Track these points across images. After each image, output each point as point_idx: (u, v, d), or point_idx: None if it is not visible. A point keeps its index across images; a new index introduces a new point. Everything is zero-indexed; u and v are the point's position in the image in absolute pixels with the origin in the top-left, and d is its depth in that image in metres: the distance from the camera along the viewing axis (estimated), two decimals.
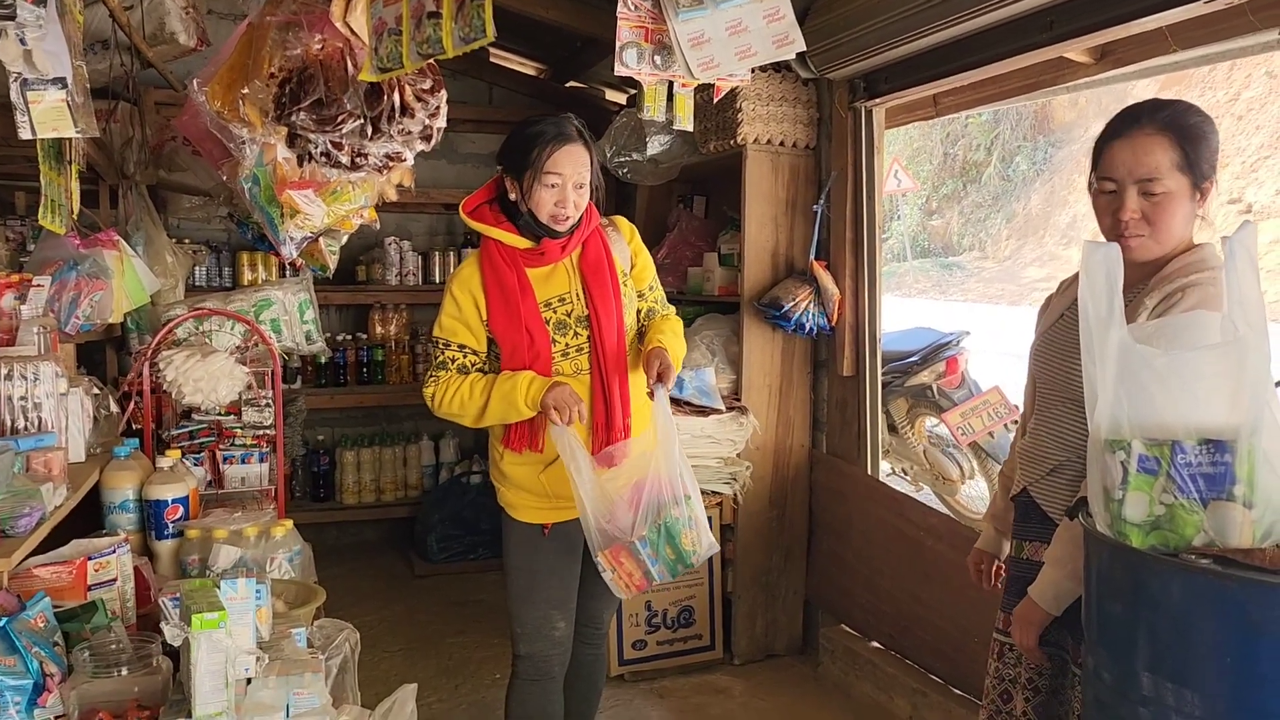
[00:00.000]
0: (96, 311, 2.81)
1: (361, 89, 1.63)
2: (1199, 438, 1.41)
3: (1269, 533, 1.39)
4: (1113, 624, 1.51)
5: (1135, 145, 1.78)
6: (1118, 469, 1.45)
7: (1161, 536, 1.43)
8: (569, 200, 2.32)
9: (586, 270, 2.43)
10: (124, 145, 3.55)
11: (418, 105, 1.66)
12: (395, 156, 1.79)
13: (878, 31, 3.22)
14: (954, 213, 19.91)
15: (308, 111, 1.68)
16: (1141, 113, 1.81)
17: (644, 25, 3.32)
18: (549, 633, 2.50)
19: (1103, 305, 1.49)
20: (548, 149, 2.29)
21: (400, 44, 1.40)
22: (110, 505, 2.40)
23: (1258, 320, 1.37)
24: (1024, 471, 2.02)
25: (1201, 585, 1.36)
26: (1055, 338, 2.00)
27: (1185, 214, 1.78)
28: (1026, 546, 2.01)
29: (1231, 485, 1.39)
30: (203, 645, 1.42)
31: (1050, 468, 1.95)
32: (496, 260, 2.39)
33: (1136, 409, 1.45)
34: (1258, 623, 1.31)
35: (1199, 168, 1.76)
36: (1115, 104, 17.31)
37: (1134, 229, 1.79)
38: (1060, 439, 1.94)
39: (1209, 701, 1.37)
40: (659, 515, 2.24)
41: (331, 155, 1.76)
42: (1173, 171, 1.75)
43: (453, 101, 5.42)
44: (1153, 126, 1.77)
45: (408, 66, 1.43)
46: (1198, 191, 1.78)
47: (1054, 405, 1.96)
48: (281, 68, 1.75)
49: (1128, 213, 1.78)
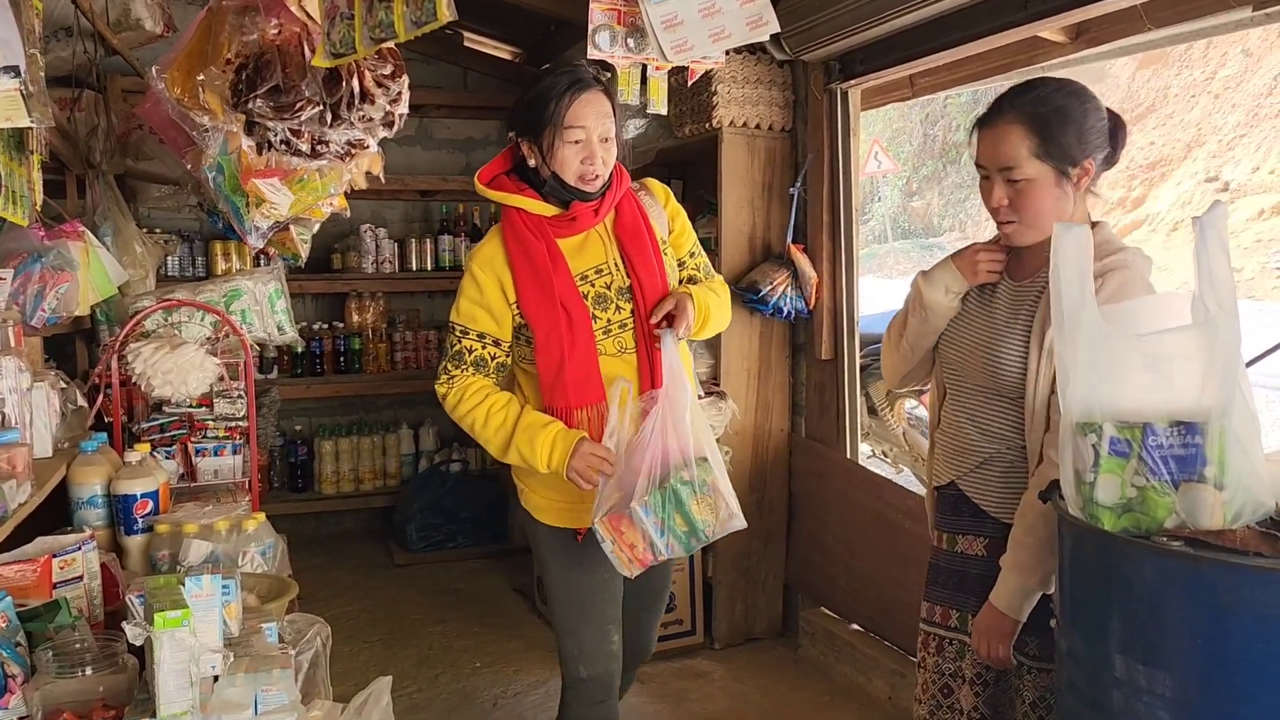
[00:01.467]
0: (62, 304, 2.76)
1: (319, 75, 1.60)
2: (1170, 420, 1.40)
3: (1240, 514, 1.39)
4: (1085, 607, 1.51)
5: (995, 135, 1.81)
6: (1089, 452, 1.44)
7: (1133, 519, 1.43)
8: (596, 155, 2.08)
9: (624, 236, 2.19)
10: (89, 134, 3.49)
11: (378, 91, 1.62)
12: (358, 144, 1.75)
13: (852, 12, 3.20)
14: (934, 194, 19.94)
15: (265, 98, 1.64)
16: (1005, 99, 1.83)
17: (616, 8, 3.28)
18: (608, 649, 2.26)
19: (1074, 288, 1.47)
20: (566, 99, 2.06)
21: (353, 28, 1.37)
22: (78, 501, 2.37)
23: (1228, 301, 1.36)
24: (949, 464, 2.00)
25: (1172, 567, 1.36)
26: (968, 323, 1.97)
27: (1054, 198, 1.80)
28: (960, 540, 1.99)
29: (1202, 467, 1.39)
30: (165, 644, 1.40)
31: (979, 460, 1.93)
32: (522, 232, 2.13)
33: (1108, 391, 1.44)
34: (1228, 604, 1.31)
35: (1062, 152, 1.77)
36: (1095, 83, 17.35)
37: (1004, 216, 1.84)
38: (985, 430, 1.92)
39: (1180, 683, 1.37)
40: (666, 479, 2.01)
41: (291, 143, 1.72)
42: (1030, 160, 1.77)
43: (427, 87, 5.47)
44: (1011, 115, 1.79)
45: (360, 51, 1.40)
46: (1068, 174, 1.79)
47: (973, 395, 1.94)
48: (239, 53, 1.70)
49: (994, 201, 1.84)
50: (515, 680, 3.57)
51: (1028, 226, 1.83)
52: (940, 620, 2.01)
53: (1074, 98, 1.79)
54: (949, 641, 1.99)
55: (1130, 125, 2.21)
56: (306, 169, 2.06)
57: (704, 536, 2.06)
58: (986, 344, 1.89)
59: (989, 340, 1.89)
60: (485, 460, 5.38)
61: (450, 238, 5.40)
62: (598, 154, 2.09)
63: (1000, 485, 1.90)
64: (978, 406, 1.93)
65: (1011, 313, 1.88)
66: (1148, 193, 15.58)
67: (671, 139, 4.03)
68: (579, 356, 2.11)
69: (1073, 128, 1.77)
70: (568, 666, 2.29)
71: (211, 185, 2.18)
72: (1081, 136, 1.77)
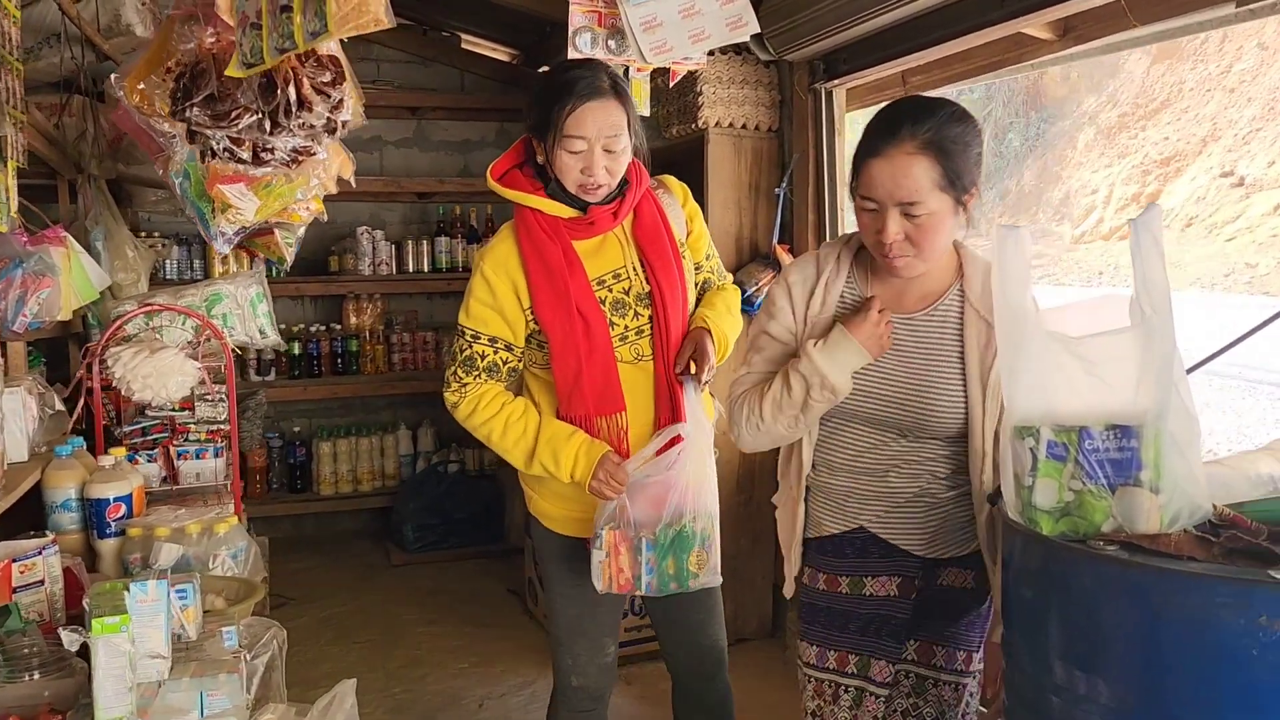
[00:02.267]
0: (44, 309, 2.79)
1: (255, 83, 1.61)
2: (1106, 423, 1.39)
3: (1177, 517, 1.37)
4: (1026, 612, 1.50)
5: (895, 166, 1.65)
6: (1027, 456, 1.43)
7: (1071, 523, 1.42)
8: (596, 166, 1.98)
9: (643, 239, 2.10)
10: (78, 139, 3.52)
11: (317, 99, 1.63)
12: (304, 151, 1.76)
13: (833, 11, 3.19)
14: None
15: (201, 107, 1.64)
16: (901, 126, 1.66)
17: (597, 10, 3.29)
18: (602, 661, 2.25)
19: (1016, 292, 1.46)
20: (568, 107, 1.95)
21: (261, 38, 1.38)
22: (52, 505, 2.39)
23: (1162, 304, 1.35)
24: (858, 510, 1.86)
25: (1105, 572, 1.35)
26: (878, 371, 1.80)
27: (949, 229, 1.71)
28: (869, 582, 1.87)
29: (1138, 471, 1.38)
30: (101, 650, 1.41)
31: (900, 502, 1.83)
32: (536, 233, 2.04)
33: (1046, 395, 1.43)
34: (1159, 609, 1.29)
35: (962, 181, 1.67)
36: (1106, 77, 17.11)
37: (898, 250, 1.69)
38: (908, 472, 1.82)
39: (1117, 690, 1.36)
40: (678, 521, 1.99)
41: (234, 151, 1.73)
42: (934, 191, 1.65)
43: (424, 89, 5.48)
44: (912, 145, 1.63)
45: (268, 61, 1.40)
46: (963, 203, 1.69)
47: (892, 440, 1.83)
48: (178, 62, 1.72)
49: (890, 235, 1.68)
50: (502, 681, 3.58)
51: (923, 259, 1.72)
52: (837, 665, 1.89)
53: (967, 125, 1.68)
54: (845, 689, 1.88)
55: (1145, 120, 2.16)
56: (272, 175, 2.07)
57: (685, 586, 2.03)
58: (913, 390, 1.77)
59: (915, 386, 1.77)
60: (483, 460, 5.40)
61: (447, 239, 5.41)
62: (598, 165, 1.99)
63: (925, 522, 1.83)
64: (899, 451, 1.82)
65: (926, 352, 1.78)
66: (1162, 188, 15.45)
67: (660, 140, 4.03)
68: (596, 365, 2.04)
69: (968, 157, 1.67)
70: (560, 674, 2.27)
71: (178, 191, 2.19)
72: (974, 165, 1.69)
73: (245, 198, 2.10)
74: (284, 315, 5.33)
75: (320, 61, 1.64)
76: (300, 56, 1.59)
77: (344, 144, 5.78)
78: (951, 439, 1.79)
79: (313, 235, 5.09)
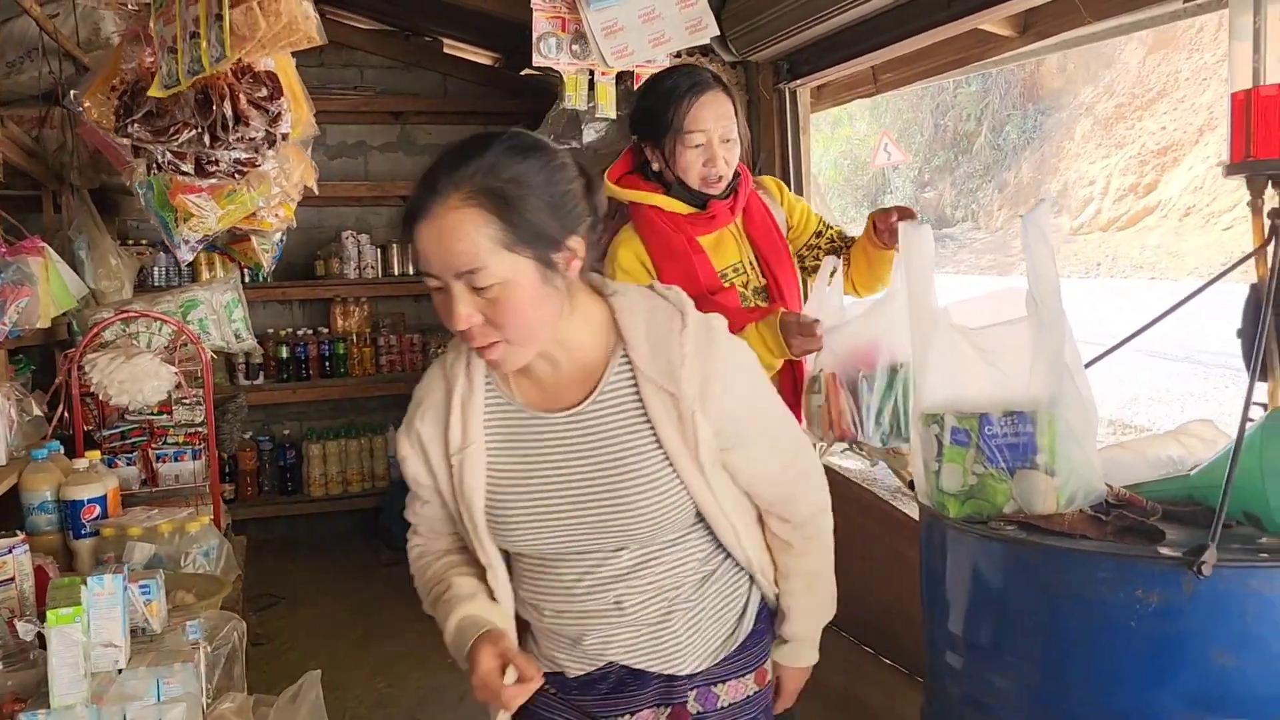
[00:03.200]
0: (24, 318, 2.87)
1: (191, 100, 1.68)
2: (1004, 410, 1.45)
3: (1073, 498, 1.44)
4: (938, 596, 1.56)
5: (440, 229, 1.24)
6: (933, 442, 1.50)
7: (976, 505, 1.48)
8: (718, 157, 2.06)
9: (756, 235, 2.18)
10: (59, 150, 3.60)
11: (255, 113, 1.70)
12: (248, 163, 1.83)
13: (793, 12, 3.26)
14: (946, 184, 19.89)
15: (141, 123, 1.72)
16: (438, 177, 1.25)
17: (560, 15, 3.36)
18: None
19: (920, 284, 1.53)
20: (684, 103, 2.03)
21: (177, 61, 1.45)
22: (29, 506, 2.47)
23: (1052, 295, 1.41)
24: (594, 650, 1.45)
25: (1002, 552, 1.42)
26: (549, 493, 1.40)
27: (546, 298, 1.29)
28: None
29: (1034, 454, 1.44)
30: (55, 640, 1.48)
31: (651, 623, 1.44)
32: (660, 226, 2.10)
33: (950, 384, 1.50)
34: (1052, 586, 1.36)
35: (537, 234, 1.26)
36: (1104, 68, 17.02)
37: (480, 338, 1.29)
38: (649, 588, 1.42)
39: (1023, 668, 1.43)
40: (897, 370, 1.92)
41: (177, 164, 1.81)
42: (497, 253, 1.23)
43: (407, 94, 5.55)
44: (457, 197, 1.22)
45: (183, 83, 1.48)
46: (552, 263, 1.28)
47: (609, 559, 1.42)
48: (122, 80, 1.80)
49: (460, 320, 1.26)
50: None
51: (522, 343, 1.29)
52: None
53: (535, 156, 1.28)
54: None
55: (1141, 110, 2.12)
56: (232, 185, 2.14)
57: (905, 437, 1.93)
58: (610, 500, 1.37)
59: (610, 493, 1.37)
60: None
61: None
62: (719, 155, 2.07)
63: (692, 626, 1.46)
64: (628, 566, 1.42)
65: (609, 450, 1.37)
66: (1159, 178, 15.47)
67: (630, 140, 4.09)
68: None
69: (544, 197, 1.26)
70: None
71: (143, 201, 2.27)
72: (558, 207, 1.28)
73: (207, 206, 2.17)
74: (271, 319, 5.42)
75: (257, 77, 1.72)
76: (236, 73, 1.67)
77: (328, 149, 5.82)
78: (689, 528, 1.45)
79: (299, 240, 5.19)
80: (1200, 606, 1.24)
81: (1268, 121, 1.53)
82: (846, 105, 4.41)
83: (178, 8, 1.58)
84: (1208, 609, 1.23)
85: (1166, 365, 8.13)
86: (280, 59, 1.74)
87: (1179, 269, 13.72)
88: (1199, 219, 14.50)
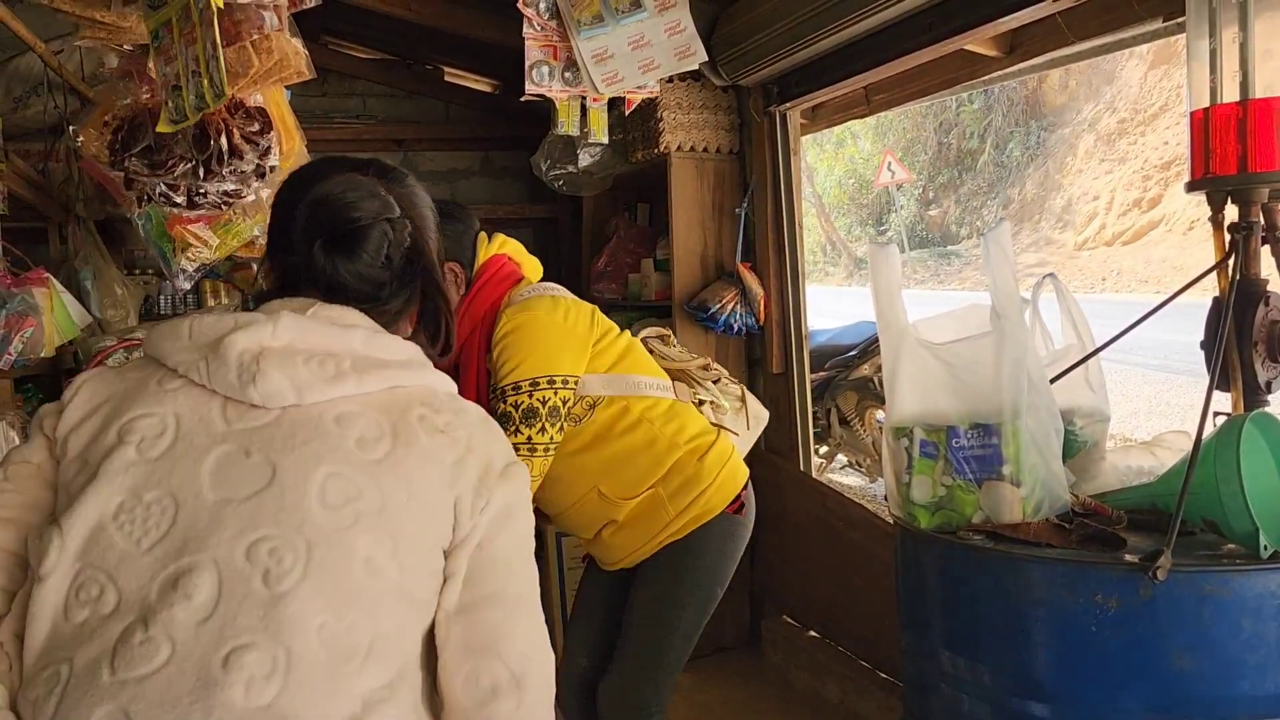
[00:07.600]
0: (29, 347, 2.94)
1: (189, 134, 1.74)
2: (970, 422, 1.50)
3: (1039, 508, 1.48)
4: (913, 605, 1.60)
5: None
6: (903, 455, 1.54)
7: (945, 516, 1.52)
8: None
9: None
10: (64, 183, 3.68)
11: (247, 147, 1.76)
12: (234, 194, 1.89)
13: (780, 37, 3.31)
14: (950, 201, 19.95)
15: (138, 158, 1.78)
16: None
17: (551, 44, 3.44)
18: (568, 670, 2.29)
19: (886, 302, 1.58)
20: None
21: (183, 98, 1.51)
22: None
23: (1012, 310, 1.45)
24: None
25: (970, 560, 1.45)
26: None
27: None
28: None
29: (1000, 465, 1.48)
30: None
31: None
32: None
33: (918, 398, 1.54)
34: (1017, 593, 1.40)
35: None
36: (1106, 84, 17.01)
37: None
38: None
39: (995, 672, 1.46)
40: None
41: (169, 196, 1.87)
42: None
43: (409, 121, 5.63)
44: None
45: (190, 118, 1.54)
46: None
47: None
48: (115, 115, 1.86)
49: None
50: None
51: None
52: None
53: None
54: None
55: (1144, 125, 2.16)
56: (230, 214, 2.20)
57: None
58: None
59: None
60: None
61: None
62: None
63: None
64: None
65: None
66: (1163, 193, 15.49)
67: (627, 164, 4.16)
68: None
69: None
70: None
71: (142, 232, 2.33)
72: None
73: (205, 236, 2.23)
74: None
75: (249, 113, 1.78)
76: (230, 108, 1.74)
77: None
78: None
79: None
80: (1158, 611, 1.27)
81: (1225, 139, 1.57)
82: (849, 125, 4.47)
83: (177, 48, 1.65)
84: (1165, 613, 1.27)
85: (1169, 379, 8.14)
86: (271, 93, 1.80)
87: (1183, 282, 13.71)
88: (1203, 233, 14.48)
